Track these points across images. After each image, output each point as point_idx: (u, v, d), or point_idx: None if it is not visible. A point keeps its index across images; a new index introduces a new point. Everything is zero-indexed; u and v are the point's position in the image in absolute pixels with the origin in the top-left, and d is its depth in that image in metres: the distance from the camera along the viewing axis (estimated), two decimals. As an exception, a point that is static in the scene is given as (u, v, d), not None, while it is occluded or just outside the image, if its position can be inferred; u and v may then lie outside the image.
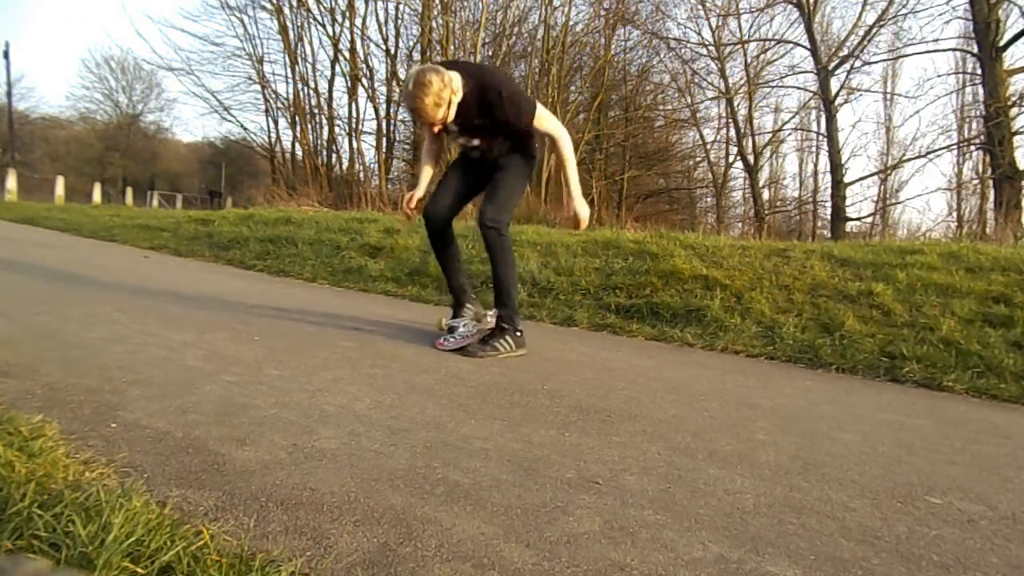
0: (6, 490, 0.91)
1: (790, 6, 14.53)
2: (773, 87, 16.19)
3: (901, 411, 2.15)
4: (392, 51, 14.34)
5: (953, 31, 15.74)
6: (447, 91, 2.25)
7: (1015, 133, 11.39)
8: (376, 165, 14.96)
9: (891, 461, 1.59)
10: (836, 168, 14.56)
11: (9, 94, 25.23)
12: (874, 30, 13.84)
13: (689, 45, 15.55)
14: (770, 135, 17.17)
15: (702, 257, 4.12)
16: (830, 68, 14.30)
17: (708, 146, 17.14)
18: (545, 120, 2.44)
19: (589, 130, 14.80)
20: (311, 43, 18.80)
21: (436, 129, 2.41)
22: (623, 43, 15.61)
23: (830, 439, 1.74)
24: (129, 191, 23.88)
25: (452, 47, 12.48)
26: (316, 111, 15.51)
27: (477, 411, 1.72)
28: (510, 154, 2.55)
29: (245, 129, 20.88)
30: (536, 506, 1.16)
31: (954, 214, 14.95)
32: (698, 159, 18.05)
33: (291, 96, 15.65)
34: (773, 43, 15.41)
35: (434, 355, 2.43)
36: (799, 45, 14.95)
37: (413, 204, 2.66)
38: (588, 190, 13.78)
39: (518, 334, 2.54)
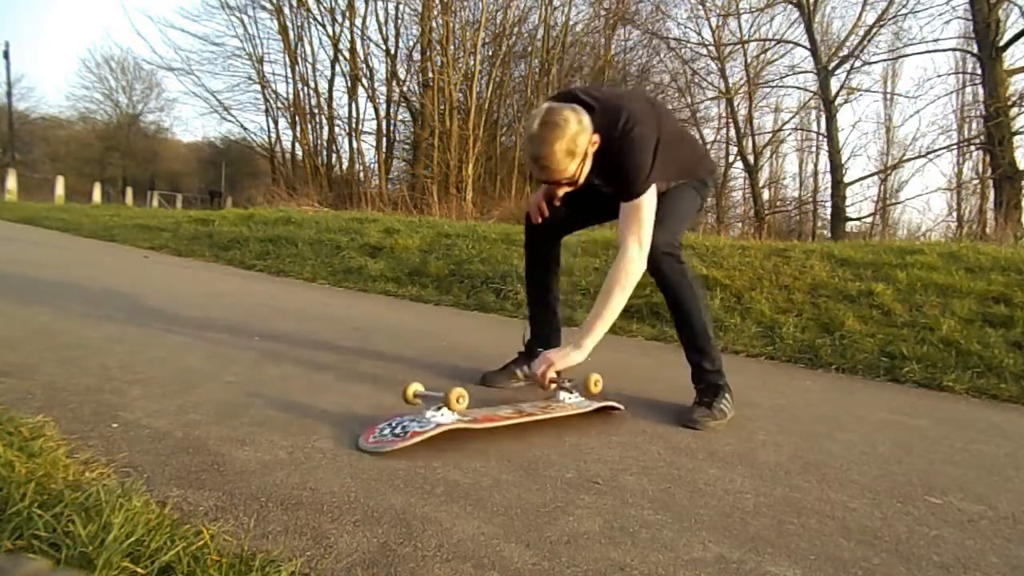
0: (6, 490, 0.91)
1: (790, 6, 14.52)
2: (773, 87, 16.20)
3: (901, 411, 2.15)
4: (392, 51, 14.34)
5: (953, 31, 15.69)
6: (584, 136, 1.64)
7: (1015, 133, 11.38)
8: (376, 165, 14.97)
9: (891, 461, 1.59)
10: (836, 168, 14.56)
11: (9, 94, 25.24)
12: (874, 30, 13.83)
13: (689, 45, 15.57)
14: (770, 135, 17.17)
15: (702, 257, 4.12)
16: (830, 68, 14.28)
17: (708, 146, 17.14)
18: (635, 223, 1.75)
19: (589, 130, 14.77)
20: (311, 43, 18.73)
21: (562, 193, 1.77)
22: (623, 43, 15.65)
23: (830, 439, 1.73)
24: (129, 191, 23.89)
25: (452, 47, 12.49)
26: (316, 111, 15.51)
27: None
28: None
29: (245, 129, 20.79)
30: (536, 506, 1.16)
31: (954, 214, 14.93)
32: (698, 159, 18.00)
33: (291, 96, 15.65)
34: (773, 43, 15.42)
35: (434, 355, 2.43)
36: (799, 45, 14.94)
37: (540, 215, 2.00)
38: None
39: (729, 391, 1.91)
